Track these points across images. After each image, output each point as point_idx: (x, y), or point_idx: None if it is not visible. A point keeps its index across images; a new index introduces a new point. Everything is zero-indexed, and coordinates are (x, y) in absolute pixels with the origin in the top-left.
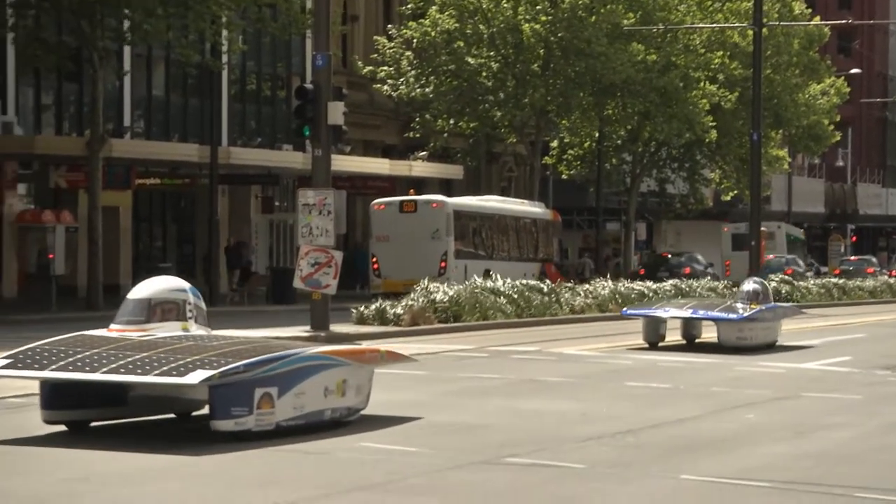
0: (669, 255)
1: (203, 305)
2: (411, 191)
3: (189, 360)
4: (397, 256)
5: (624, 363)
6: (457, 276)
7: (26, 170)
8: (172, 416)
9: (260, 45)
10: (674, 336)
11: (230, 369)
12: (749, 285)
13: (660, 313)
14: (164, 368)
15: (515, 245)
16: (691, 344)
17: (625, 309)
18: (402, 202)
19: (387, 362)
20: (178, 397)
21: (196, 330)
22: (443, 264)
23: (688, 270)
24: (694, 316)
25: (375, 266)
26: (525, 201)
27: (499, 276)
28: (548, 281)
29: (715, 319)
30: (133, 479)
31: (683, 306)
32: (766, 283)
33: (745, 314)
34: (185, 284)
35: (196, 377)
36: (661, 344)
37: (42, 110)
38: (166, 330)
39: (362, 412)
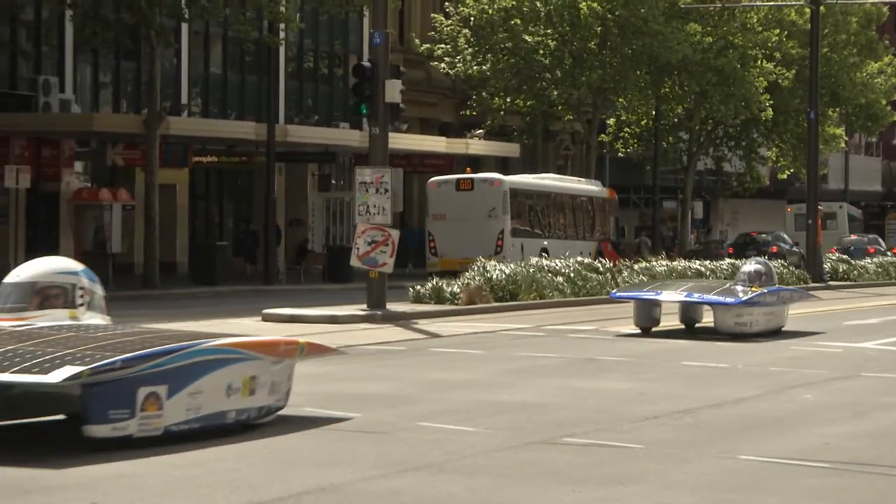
0: (756, 235)
1: (100, 290)
2: (468, 169)
3: (60, 354)
4: (454, 235)
5: (679, 342)
6: (513, 255)
7: (84, 147)
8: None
9: (317, 23)
10: (670, 320)
11: (103, 365)
12: (750, 266)
13: (651, 296)
14: (27, 364)
15: (572, 223)
16: (690, 329)
17: (614, 291)
18: (458, 180)
19: (307, 355)
20: (67, 396)
21: (88, 319)
22: (499, 243)
23: (775, 249)
24: (688, 299)
25: (432, 245)
26: (581, 179)
27: (553, 256)
28: (604, 260)
29: (710, 303)
30: None
31: (678, 289)
32: (769, 263)
33: (744, 298)
34: (77, 266)
35: (59, 375)
36: (655, 329)
37: (100, 88)
38: (50, 318)
39: (280, 412)
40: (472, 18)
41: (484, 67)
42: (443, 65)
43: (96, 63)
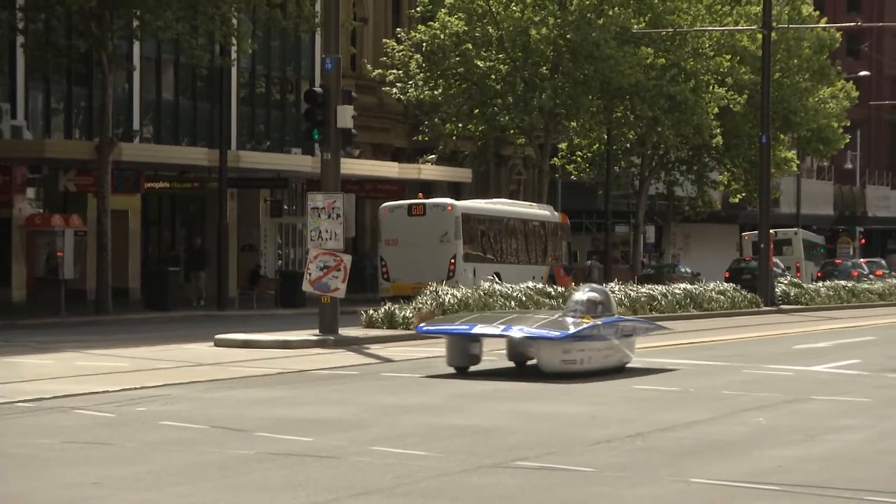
0: (750, 260)
1: None
2: (420, 194)
3: None
4: (406, 260)
5: (632, 366)
6: (465, 280)
7: (35, 174)
8: None
9: (269, 49)
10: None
11: None
12: (583, 294)
13: (463, 330)
14: None
15: (524, 248)
16: (521, 367)
17: (420, 326)
18: (410, 206)
19: None
20: None
21: None
22: (452, 267)
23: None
24: (505, 333)
25: (385, 269)
26: (534, 204)
27: (506, 281)
28: (556, 284)
29: (531, 337)
30: None
31: (496, 321)
32: (607, 290)
33: (572, 331)
34: None
35: None
36: (473, 368)
37: (51, 114)
38: None
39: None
40: (423, 44)
41: (436, 93)
42: (395, 90)
43: (48, 89)
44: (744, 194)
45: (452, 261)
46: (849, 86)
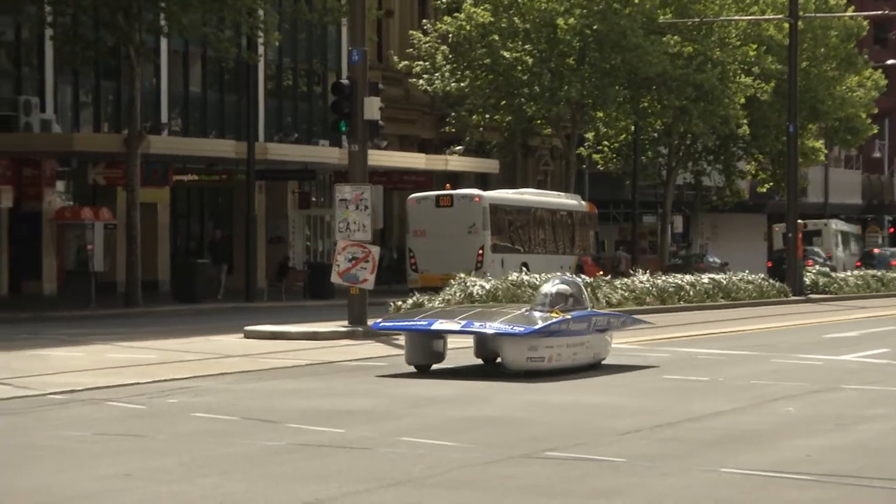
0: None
1: None
2: (448, 185)
3: None
4: (434, 251)
5: (661, 356)
6: (494, 270)
7: (65, 167)
8: None
9: (296, 41)
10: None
11: None
12: (552, 286)
13: (422, 326)
14: None
15: (552, 238)
16: (490, 365)
17: (377, 322)
18: (438, 197)
19: None
20: None
21: None
22: (480, 258)
23: (810, 263)
24: (466, 329)
25: (413, 261)
26: (561, 194)
27: (534, 271)
28: (584, 274)
29: (494, 333)
30: None
31: (458, 316)
32: (579, 282)
33: (537, 326)
34: None
35: None
36: (436, 367)
37: (80, 108)
38: None
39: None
40: (450, 35)
41: (462, 84)
42: (421, 82)
43: (76, 83)
44: (771, 184)
45: (480, 252)
46: (877, 74)
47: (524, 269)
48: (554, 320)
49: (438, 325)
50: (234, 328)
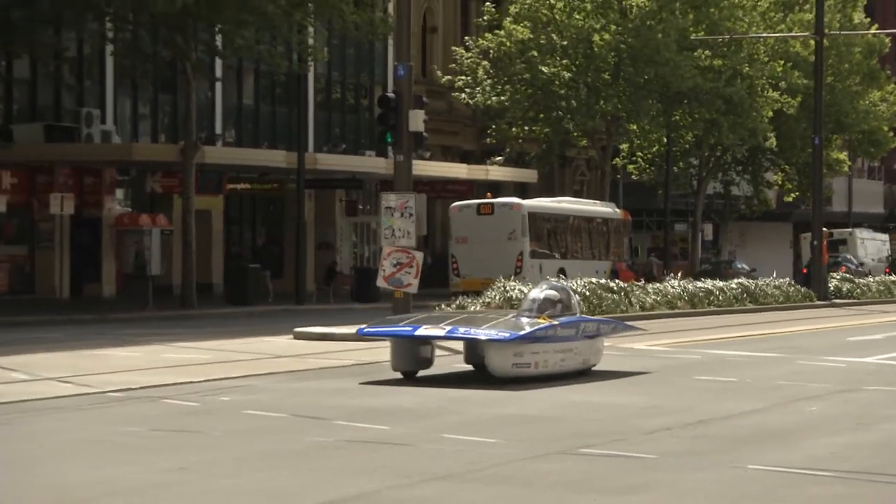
0: (828, 256)
1: None
2: (488, 194)
3: None
4: (476, 257)
5: (692, 357)
6: (532, 275)
7: (124, 176)
8: None
9: (344, 56)
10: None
11: None
12: (539, 291)
13: (406, 332)
14: None
15: (587, 245)
16: (481, 370)
17: (362, 328)
18: (479, 205)
19: None
20: None
21: None
22: (519, 264)
23: (844, 269)
24: (451, 336)
25: (455, 266)
26: (597, 202)
27: (571, 276)
28: (619, 279)
29: (478, 339)
30: None
31: (443, 321)
32: (568, 288)
33: (523, 332)
34: None
35: None
36: (424, 373)
37: (139, 119)
38: None
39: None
40: (491, 51)
41: (502, 98)
42: (463, 95)
43: (135, 96)
44: (797, 193)
45: (519, 257)
46: None
47: (561, 274)
48: (540, 326)
49: (423, 331)
50: (284, 330)
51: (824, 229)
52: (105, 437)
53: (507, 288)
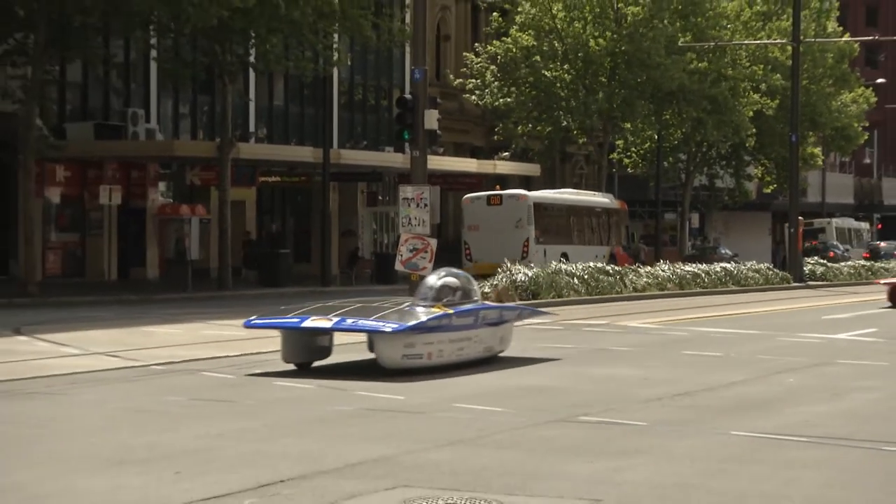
0: (818, 243)
1: None
2: (497, 186)
3: None
4: (486, 243)
5: (680, 334)
6: (537, 260)
7: (166, 169)
8: None
9: (366, 61)
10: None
11: None
12: (436, 279)
13: (292, 323)
14: None
15: (588, 232)
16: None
17: (248, 320)
18: (489, 196)
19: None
20: None
21: None
22: (525, 249)
23: (832, 254)
24: (338, 327)
25: (468, 251)
26: (596, 193)
27: (572, 261)
28: (612, 265)
29: (364, 330)
30: None
31: (333, 312)
32: (468, 275)
33: (411, 323)
34: None
35: None
36: (318, 364)
37: (180, 118)
38: None
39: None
40: (498, 57)
41: (509, 99)
42: (473, 97)
43: (176, 97)
44: (775, 186)
45: (526, 243)
46: (867, 91)
47: (563, 258)
48: (433, 315)
49: (310, 322)
50: None
51: (800, 218)
52: (150, 407)
53: (513, 271)
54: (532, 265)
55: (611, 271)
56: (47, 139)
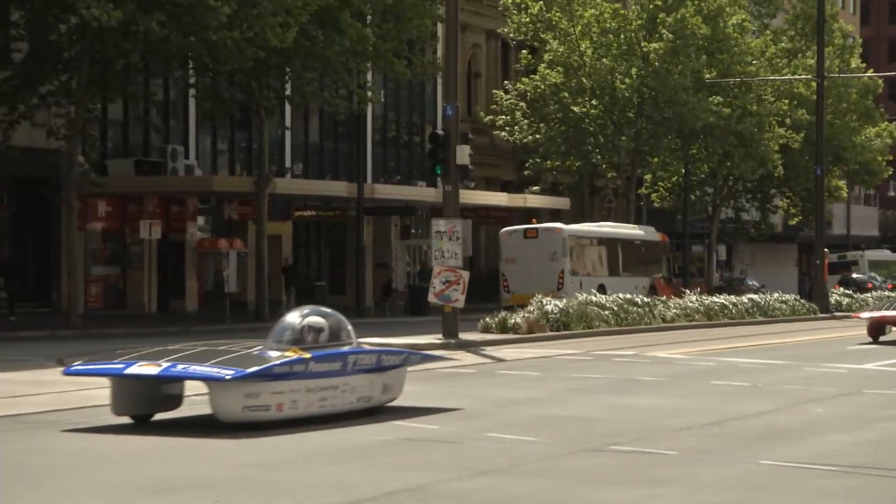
0: (856, 276)
1: None
2: (533, 220)
3: None
4: (523, 275)
5: (708, 364)
6: (573, 291)
7: (205, 204)
8: None
9: (398, 98)
10: None
11: None
12: (296, 318)
13: (116, 369)
14: None
15: (628, 263)
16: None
17: (69, 367)
18: (525, 230)
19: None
20: None
21: None
22: (560, 280)
23: (870, 285)
24: (166, 374)
25: (505, 283)
26: (636, 226)
27: (612, 292)
28: (641, 296)
29: (198, 378)
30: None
31: (165, 357)
32: (338, 315)
33: (253, 368)
34: None
35: None
36: (165, 416)
37: (218, 155)
38: None
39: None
40: (528, 94)
41: (538, 136)
42: (503, 133)
43: (215, 134)
44: (801, 218)
45: (561, 275)
46: (891, 126)
47: (601, 290)
48: (284, 360)
49: (136, 368)
50: None
51: (826, 250)
52: (189, 437)
53: (544, 303)
54: (564, 296)
55: (639, 302)
56: (89, 175)
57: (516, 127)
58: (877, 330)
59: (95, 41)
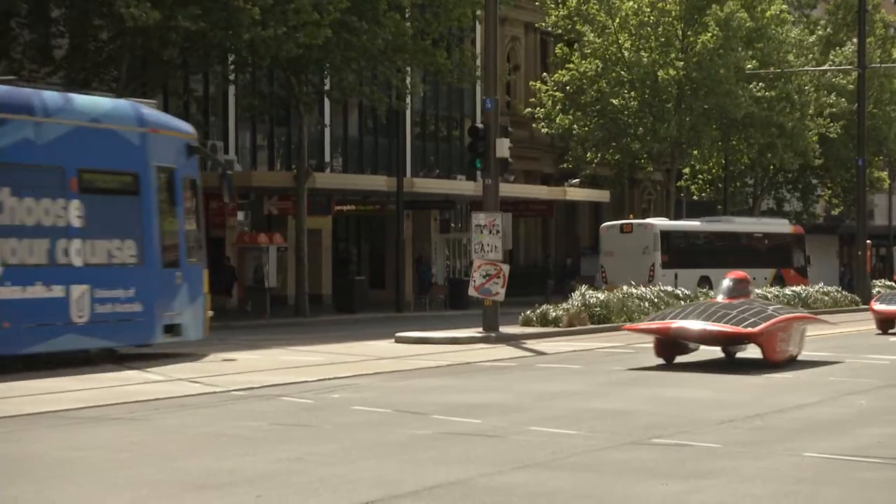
0: None
1: None
2: (631, 215)
3: None
4: (619, 267)
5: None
6: (665, 283)
7: (244, 199)
8: None
9: (438, 93)
10: None
11: None
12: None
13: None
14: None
15: (740, 256)
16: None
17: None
18: (622, 225)
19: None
20: None
21: None
22: (651, 273)
23: None
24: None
25: (603, 274)
26: (763, 219)
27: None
28: (682, 288)
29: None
30: None
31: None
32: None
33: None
34: None
35: None
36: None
37: (257, 150)
38: None
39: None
40: (567, 87)
41: (573, 123)
42: (542, 125)
43: (254, 129)
44: (842, 208)
45: (651, 268)
46: None
47: (698, 283)
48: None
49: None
50: (386, 335)
51: (868, 241)
52: (230, 431)
53: (586, 295)
54: (661, 287)
55: (680, 295)
56: None
57: (556, 119)
58: (885, 324)
59: (136, 38)
